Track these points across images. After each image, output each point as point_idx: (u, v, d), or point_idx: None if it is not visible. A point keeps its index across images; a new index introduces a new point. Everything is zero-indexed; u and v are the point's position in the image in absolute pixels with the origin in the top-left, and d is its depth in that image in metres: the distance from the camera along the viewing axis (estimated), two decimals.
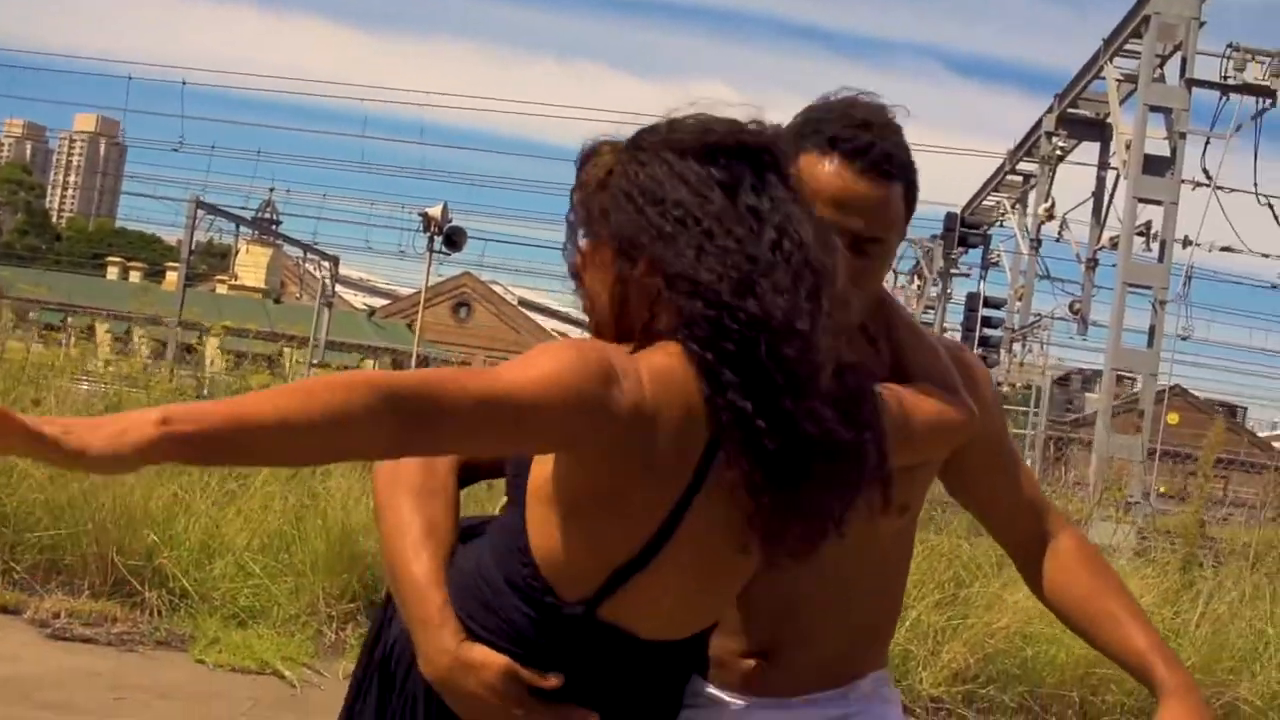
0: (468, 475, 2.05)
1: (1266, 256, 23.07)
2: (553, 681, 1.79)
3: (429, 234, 19.80)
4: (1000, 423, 2.38)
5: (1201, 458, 9.76)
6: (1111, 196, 22.97)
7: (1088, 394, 49.56)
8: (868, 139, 1.98)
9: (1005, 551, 2.44)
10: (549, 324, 68.96)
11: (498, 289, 65.52)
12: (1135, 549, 10.14)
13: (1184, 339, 25.75)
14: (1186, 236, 21.50)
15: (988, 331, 23.37)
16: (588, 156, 1.85)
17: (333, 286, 33.94)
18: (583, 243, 1.84)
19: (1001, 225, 27.81)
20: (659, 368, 1.70)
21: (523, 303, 66.74)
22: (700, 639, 1.94)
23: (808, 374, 1.69)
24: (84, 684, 5.90)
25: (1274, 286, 23.97)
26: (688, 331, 1.70)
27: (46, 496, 7.23)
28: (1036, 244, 24.64)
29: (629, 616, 1.79)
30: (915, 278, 33.41)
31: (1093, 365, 43.80)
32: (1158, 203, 19.35)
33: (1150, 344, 19.65)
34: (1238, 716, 7.46)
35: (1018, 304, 25.34)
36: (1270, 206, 20.95)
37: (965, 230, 23.65)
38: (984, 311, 23.58)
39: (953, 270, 25.63)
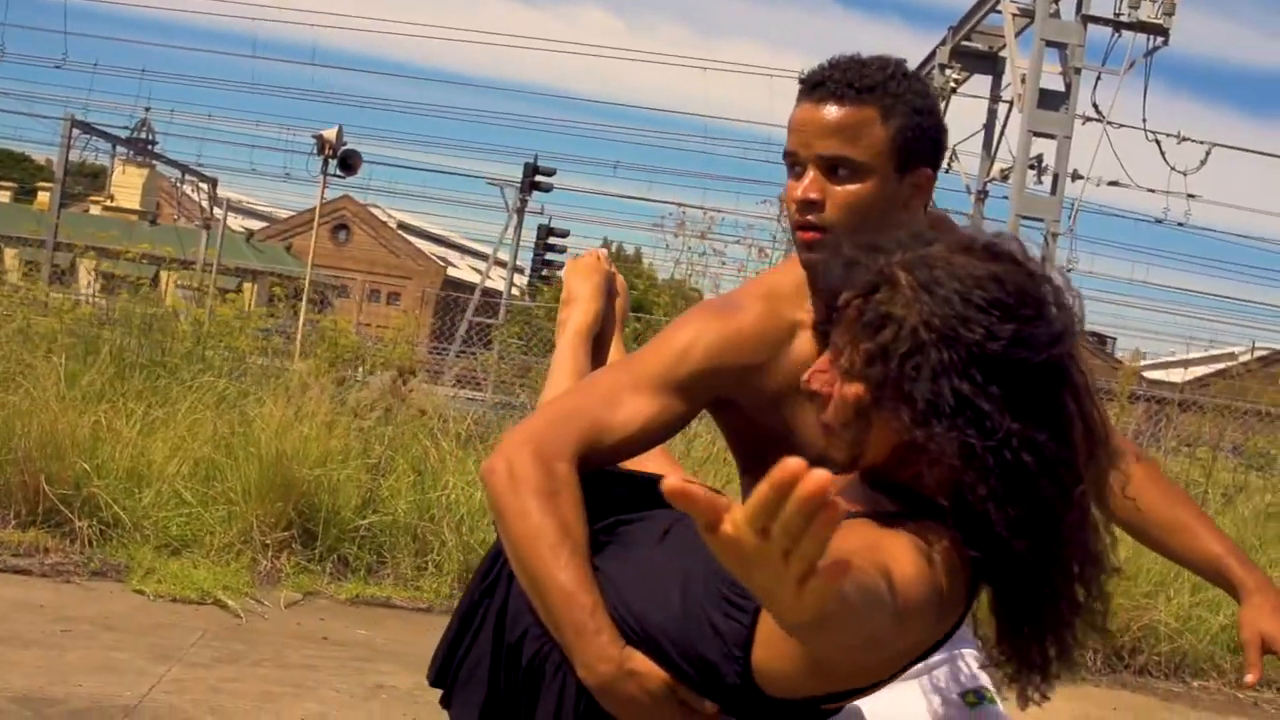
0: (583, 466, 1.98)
1: (1152, 191, 23.55)
2: (710, 709, 1.79)
3: (323, 157, 19.41)
4: None
5: (1118, 390, 9.99)
6: (1003, 129, 23.24)
7: None
8: (827, 72, 2.05)
9: None
10: (428, 247, 68.40)
11: (376, 212, 64.71)
12: None
13: (1069, 271, 26.19)
14: (1075, 170, 21.83)
15: None
16: (876, 286, 1.68)
17: (211, 208, 33.25)
18: (853, 391, 1.69)
19: None
20: (948, 559, 1.63)
21: (402, 226, 66.04)
22: None
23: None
24: (28, 616, 5.77)
25: (1158, 221, 24.48)
26: (965, 530, 1.64)
27: None
28: None
29: (829, 706, 1.76)
30: None
31: None
32: (1051, 136, 19.61)
33: None
34: (1156, 637, 7.70)
35: None
36: (1158, 143, 21.40)
37: None
38: None
39: None
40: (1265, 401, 13.74)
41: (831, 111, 2.03)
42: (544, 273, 25.57)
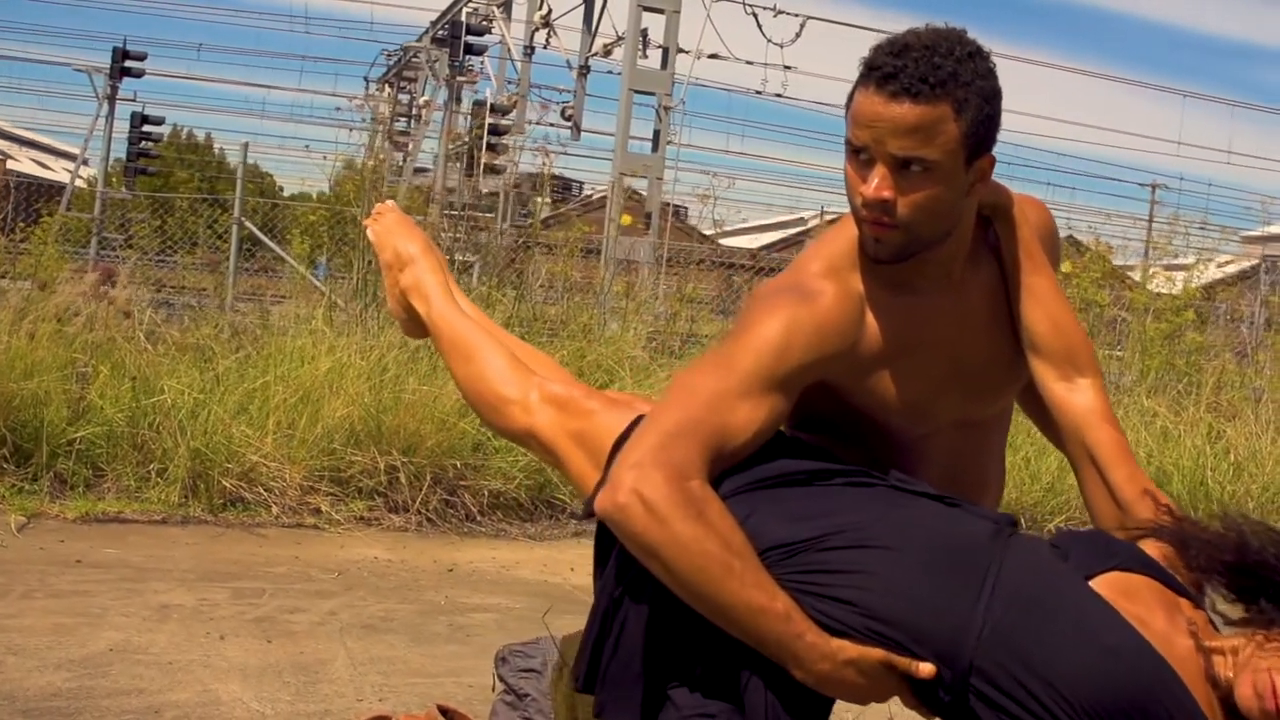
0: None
1: (750, 64, 24.30)
2: (926, 669, 1.85)
3: None
4: None
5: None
6: (604, 5, 23.52)
7: (536, 199, 51.21)
8: (898, 64, 2.00)
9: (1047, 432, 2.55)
10: None
11: None
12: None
13: (668, 144, 26.82)
14: (679, 45, 22.34)
15: (495, 139, 23.46)
16: None
17: None
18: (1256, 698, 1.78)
19: (489, 33, 27.77)
20: None
21: None
22: None
23: None
24: None
25: (758, 93, 25.31)
26: None
27: None
28: (529, 51, 24.86)
29: None
30: (386, 86, 32.96)
31: (562, 172, 45.34)
32: (660, 11, 20.04)
33: (655, 149, 20.54)
34: None
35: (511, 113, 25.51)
36: (755, 15, 22.12)
37: (471, 39, 23.52)
38: (491, 119, 23.64)
39: (458, 79, 25.39)
40: None
41: (906, 110, 1.99)
42: (140, 163, 24.17)
